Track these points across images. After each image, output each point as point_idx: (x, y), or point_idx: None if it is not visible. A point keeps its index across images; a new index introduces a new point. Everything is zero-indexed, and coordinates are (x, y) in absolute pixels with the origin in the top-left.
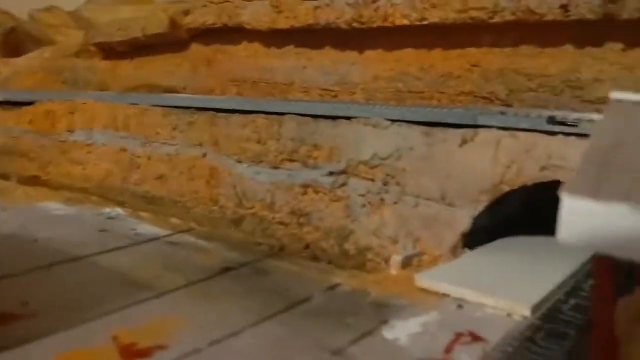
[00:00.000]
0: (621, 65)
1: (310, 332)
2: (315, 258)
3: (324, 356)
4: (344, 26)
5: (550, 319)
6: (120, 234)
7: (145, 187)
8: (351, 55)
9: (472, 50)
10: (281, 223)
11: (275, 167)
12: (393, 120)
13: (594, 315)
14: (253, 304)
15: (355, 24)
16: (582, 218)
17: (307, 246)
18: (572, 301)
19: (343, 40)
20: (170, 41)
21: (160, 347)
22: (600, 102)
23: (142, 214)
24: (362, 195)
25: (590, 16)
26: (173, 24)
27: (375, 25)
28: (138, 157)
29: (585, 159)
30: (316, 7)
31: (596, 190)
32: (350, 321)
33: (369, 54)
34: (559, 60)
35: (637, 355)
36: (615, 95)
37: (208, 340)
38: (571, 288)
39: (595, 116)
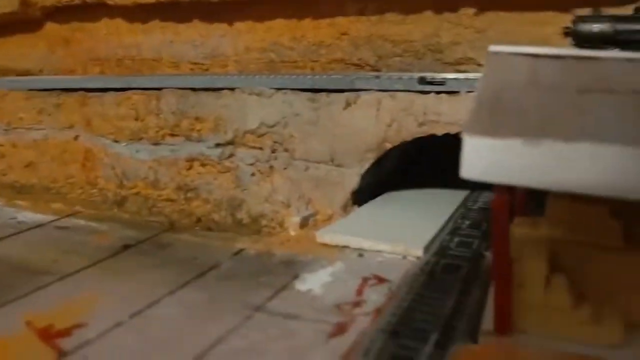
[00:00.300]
0: (474, 28)
1: (228, 294)
2: (209, 230)
3: (247, 312)
4: None
5: (441, 255)
6: (0, 224)
7: (13, 177)
8: (220, 27)
9: (340, 19)
10: (168, 200)
11: (157, 144)
12: (277, 89)
13: (494, 239)
14: (165, 274)
15: None
16: (482, 154)
17: (198, 220)
18: (456, 239)
19: (211, 13)
20: (23, 20)
21: (79, 326)
22: (458, 63)
23: (19, 202)
24: (251, 165)
25: None
26: (25, 2)
27: None
28: (1, 145)
29: (477, 103)
30: None
31: (491, 129)
32: (263, 280)
33: (239, 25)
34: (421, 26)
35: (524, 270)
36: (492, 48)
37: (128, 313)
38: (452, 229)
39: (459, 75)
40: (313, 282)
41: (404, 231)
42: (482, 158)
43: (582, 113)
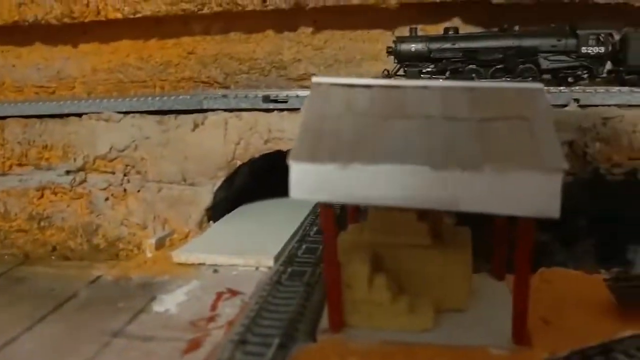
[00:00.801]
0: (313, 46)
1: (87, 323)
2: (66, 259)
3: (106, 339)
4: (54, 22)
5: (289, 263)
6: None
7: None
8: (65, 49)
9: (186, 39)
10: (20, 230)
11: (4, 174)
12: (125, 113)
13: (324, 248)
14: (22, 310)
15: (66, 19)
16: (306, 177)
17: (54, 249)
18: (304, 246)
19: (53, 35)
20: None
21: None
22: (301, 79)
23: None
24: (104, 189)
25: (284, 6)
26: None
27: (88, 19)
28: None
29: (301, 132)
30: (20, 4)
31: (313, 154)
32: (121, 305)
33: (84, 47)
34: (263, 45)
35: (351, 273)
36: (315, 79)
37: None
38: (301, 236)
39: (300, 92)
40: (169, 302)
41: (256, 243)
42: (306, 181)
43: (384, 137)
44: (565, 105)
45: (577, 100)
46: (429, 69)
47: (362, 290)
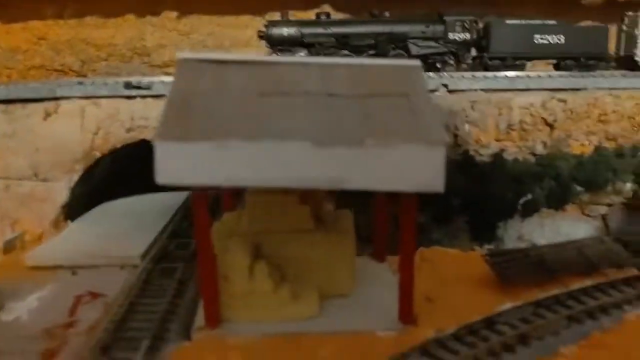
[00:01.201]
0: (178, 31)
1: None
2: None
3: None
4: None
5: (159, 260)
6: None
7: None
8: None
9: (36, 23)
10: None
11: None
12: None
13: (197, 239)
14: None
15: None
16: (175, 159)
17: None
18: (175, 241)
19: None
20: None
21: None
22: (166, 66)
23: None
24: None
25: None
26: None
27: None
28: None
29: (167, 110)
30: None
31: (182, 133)
32: None
33: None
34: (124, 30)
35: (227, 262)
36: (180, 55)
37: None
38: (171, 232)
39: (165, 78)
40: (20, 310)
41: (121, 242)
42: (174, 162)
43: (263, 114)
44: (435, 90)
45: (445, 85)
46: (302, 54)
47: (241, 281)
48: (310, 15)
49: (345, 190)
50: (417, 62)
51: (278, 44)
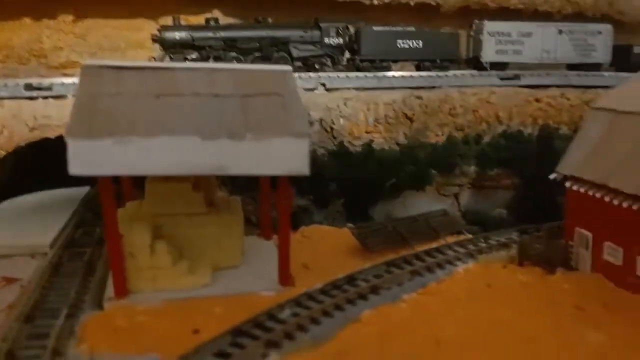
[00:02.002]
0: (75, 34)
1: None
2: None
3: None
4: None
5: (68, 247)
6: None
7: None
8: None
9: None
10: None
11: None
12: None
13: (105, 221)
14: None
15: None
16: (84, 153)
17: None
18: (81, 230)
19: None
20: None
21: None
22: (64, 67)
23: None
24: None
25: None
26: None
27: None
28: None
29: (75, 110)
30: None
31: (89, 131)
32: None
33: None
34: (21, 32)
35: (132, 241)
36: (85, 62)
37: None
38: (76, 222)
39: (65, 79)
40: None
41: (29, 233)
42: (84, 156)
43: (158, 113)
44: (315, 89)
45: (323, 84)
46: (193, 57)
47: (144, 257)
48: (201, 19)
49: (229, 175)
50: (288, 67)
51: (171, 47)
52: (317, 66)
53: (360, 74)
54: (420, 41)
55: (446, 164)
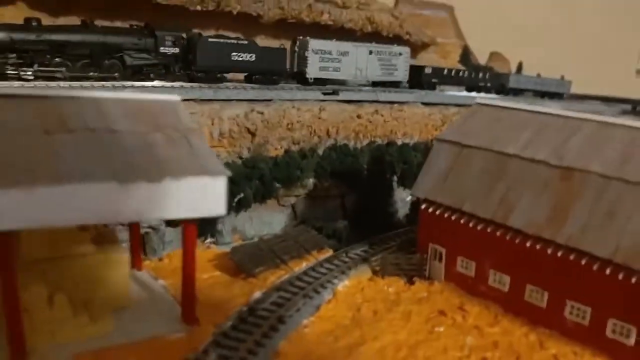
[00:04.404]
0: None
1: None
2: None
3: None
4: None
5: None
6: None
7: None
8: None
9: None
10: None
11: None
12: None
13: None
14: None
15: None
16: None
17: None
18: None
19: None
20: None
21: None
22: None
23: None
24: None
25: None
26: None
27: None
28: None
29: None
30: None
31: None
32: None
33: None
34: None
35: (29, 297)
36: None
37: None
38: None
39: None
40: None
41: None
42: None
43: (58, 154)
44: None
45: None
46: (14, 61)
47: (42, 311)
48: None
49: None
50: (177, 98)
51: None
52: (152, 75)
53: (195, 85)
54: (253, 54)
55: (288, 177)
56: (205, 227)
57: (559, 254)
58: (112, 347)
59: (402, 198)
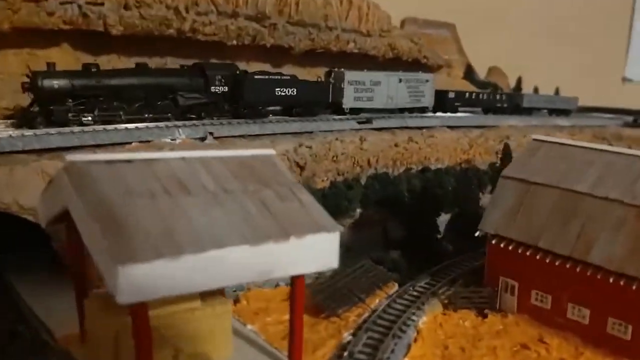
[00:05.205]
0: None
1: None
2: None
3: None
4: None
5: None
6: None
7: None
8: None
9: None
10: None
11: None
12: None
13: (137, 348)
14: None
15: None
16: (137, 279)
17: None
18: None
19: None
20: None
21: None
22: None
23: None
24: None
25: None
26: None
27: None
28: None
29: (90, 223)
30: None
31: (131, 253)
32: None
33: None
34: None
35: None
36: (70, 157)
37: None
38: None
39: None
40: None
41: None
42: (135, 283)
43: (189, 219)
44: (205, 138)
45: (211, 133)
46: (77, 108)
47: None
48: (49, 55)
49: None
50: (271, 151)
51: (47, 97)
52: (203, 114)
53: (241, 121)
54: (295, 89)
55: (337, 208)
56: None
57: None
58: None
59: (442, 221)
